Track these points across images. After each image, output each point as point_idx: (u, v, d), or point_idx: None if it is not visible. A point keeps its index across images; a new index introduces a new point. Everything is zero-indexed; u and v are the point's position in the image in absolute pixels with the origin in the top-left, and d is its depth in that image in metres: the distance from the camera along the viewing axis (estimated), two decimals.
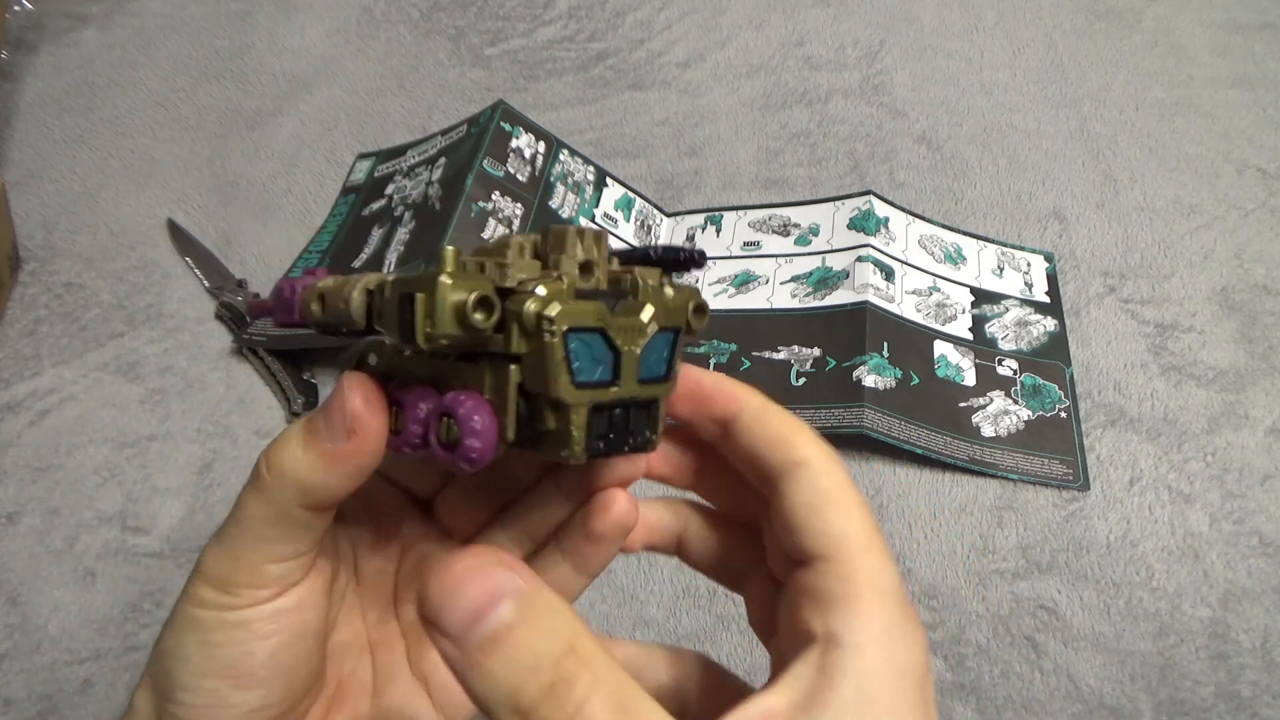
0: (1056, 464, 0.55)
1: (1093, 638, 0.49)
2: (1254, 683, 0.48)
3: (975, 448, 0.55)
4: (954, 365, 0.57)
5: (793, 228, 0.65)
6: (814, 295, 0.60)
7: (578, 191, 0.65)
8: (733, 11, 0.81)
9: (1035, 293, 0.63)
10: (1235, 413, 0.58)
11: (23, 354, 0.59)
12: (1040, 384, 0.58)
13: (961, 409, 0.56)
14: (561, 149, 0.66)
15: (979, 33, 0.80)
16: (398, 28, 0.79)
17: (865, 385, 0.54)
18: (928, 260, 0.63)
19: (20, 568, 0.51)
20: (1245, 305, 0.63)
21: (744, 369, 0.58)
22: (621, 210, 0.67)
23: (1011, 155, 0.71)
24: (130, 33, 0.77)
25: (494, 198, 0.60)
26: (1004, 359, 0.59)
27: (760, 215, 0.67)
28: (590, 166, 0.67)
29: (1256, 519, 0.54)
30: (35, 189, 0.67)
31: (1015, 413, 0.56)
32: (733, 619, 0.50)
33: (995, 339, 0.60)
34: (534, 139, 0.65)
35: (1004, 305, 0.62)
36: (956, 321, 0.60)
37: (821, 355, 0.57)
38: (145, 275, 0.63)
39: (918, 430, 0.54)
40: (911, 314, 0.59)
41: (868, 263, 0.60)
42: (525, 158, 0.64)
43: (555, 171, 0.65)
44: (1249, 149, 0.72)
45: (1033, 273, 0.64)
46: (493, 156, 0.62)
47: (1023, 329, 0.61)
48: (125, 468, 0.54)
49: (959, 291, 0.62)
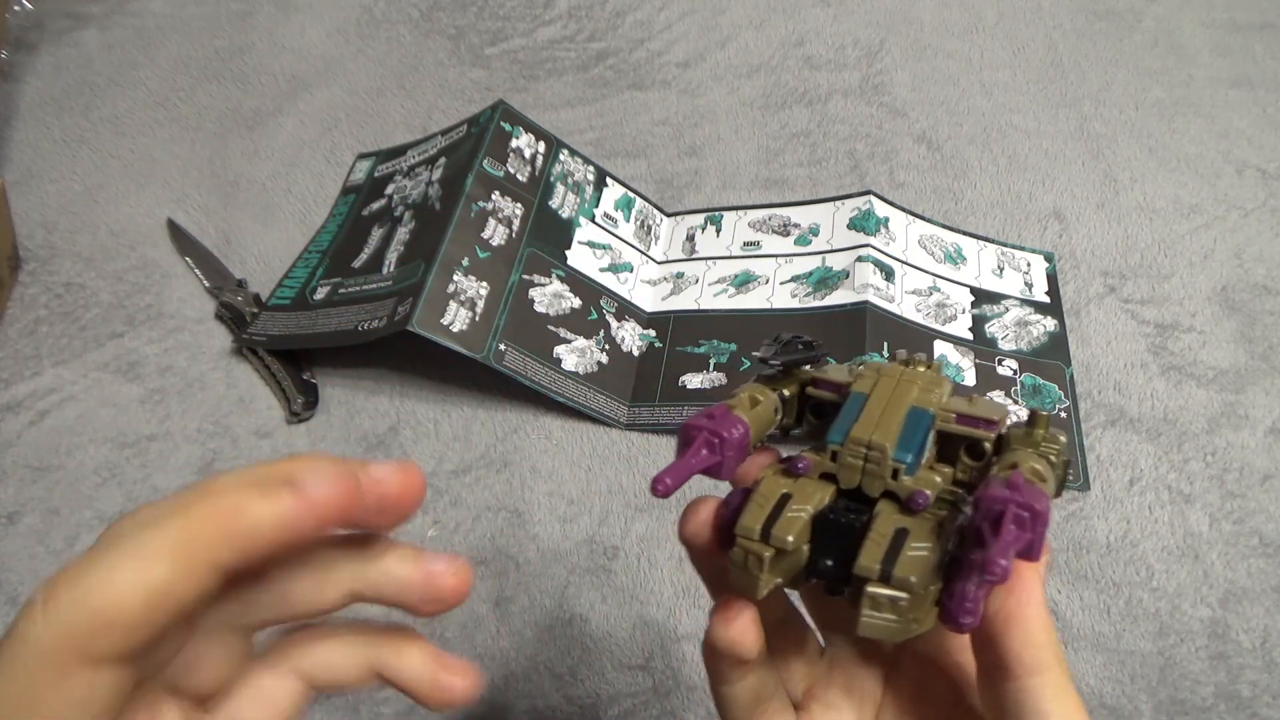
0: None
1: (1093, 638, 0.49)
2: (1254, 683, 0.48)
3: None
4: (954, 365, 0.57)
5: (793, 228, 0.65)
6: (814, 295, 0.60)
7: (578, 191, 0.65)
8: (733, 11, 0.81)
9: (1035, 293, 0.63)
10: (1235, 413, 0.58)
11: (23, 354, 0.59)
12: (1040, 384, 0.58)
13: None
14: (561, 149, 0.66)
15: (979, 33, 0.80)
16: (398, 28, 0.79)
17: None
18: (928, 260, 0.63)
19: (20, 568, 0.51)
20: (1245, 305, 0.63)
21: (743, 369, 0.58)
22: (621, 210, 0.67)
23: (1011, 155, 0.71)
24: (130, 33, 0.77)
25: (494, 197, 0.60)
26: (1004, 359, 0.59)
27: (760, 215, 0.67)
28: (590, 166, 0.67)
29: (1256, 519, 0.54)
30: (35, 189, 0.67)
31: (1015, 412, 0.56)
32: None
33: (995, 339, 0.60)
34: (534, 139, 0.65)
35: (1004, 305, 0.62)
36: (956, 321, 0.60)
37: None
38: (145, 275, 0.63)
39: None
40: (911, 314, 0.59)
41: (868, 263, 0.60)
42: (525, 158, 0.64)
43: (555, 171, 0.65)
44: (1249, 149, 0.72)
45: (1033, 273, 0.64)
46: (493, 156, 0.62)
47: (1023, 329, 0.60)
48: (125, 468, 0.54)
49: (959, 291, 0.62)
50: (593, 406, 0.57)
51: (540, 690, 0.48)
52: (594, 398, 0.57)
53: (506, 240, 0.60)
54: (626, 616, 0.50)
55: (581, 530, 0.53)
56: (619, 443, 0.56)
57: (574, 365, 0.57)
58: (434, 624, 0.49)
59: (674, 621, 0.50)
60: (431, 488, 0.54)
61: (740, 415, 0.26)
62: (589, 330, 0.59)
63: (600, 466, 0.55)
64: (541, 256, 0.60)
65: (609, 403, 0.58)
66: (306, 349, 0.59)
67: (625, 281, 0.63)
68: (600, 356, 0.59)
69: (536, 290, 0.59)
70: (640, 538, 0.53)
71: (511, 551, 0.52)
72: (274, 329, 0.60)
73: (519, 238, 0.60)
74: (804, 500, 0.24)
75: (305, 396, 0.57)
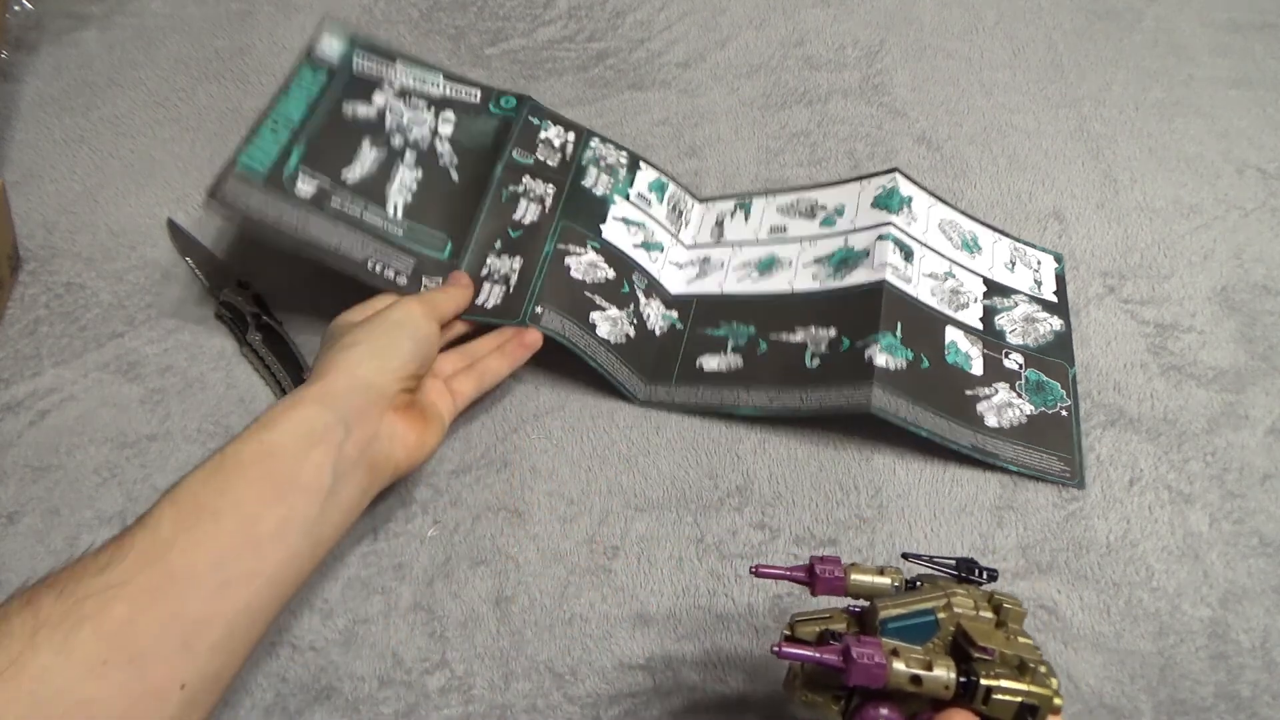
0: (1055, 460, 0.55)
1: (1093, 638, 0.49)
2: (1254, 683, 0.48)
3: (978, 436, 0.55)
4: (963, 353, 0.58)
5: (819, 209, 0.65)
6: (834, 276, 0.60)
7: (611, 173, 0.66)
8: (733, 11, 0.81)
9: (1044, 291, 0.63)
10: (1235, 413, 0.58)
11: (23, 354, 0.59)
12: (1044, 380, 0.58)
13: (967, 396, 0.56)
14: (592, 137, 0.67)
15: (979, 33, 0.80)
16: (398, 28, 0.79)
17: (877, 365, 0.54)
18: (945, 245, 0.63)
19: (20, 568, 0.51)
20: (1245, 305, 0.63)
21: (761, 352, 0.58)
22: (655, 193, 0.67)
23: (1011, 155, 0.71)
24: (130, 33, 0.77)
25: (524, 180, 0.62)
26: (1011, 352, 0.59)
27: (789, 199, 0.67)
28: (623, 152, 0.68)
29: (1256, 519, 0.54)
30: (35, 189, 0.67)
31: (1019, 406, 0.57)
32: (732, 619, 0.50)
33: (1004, 332, 0.60)
34: (563, 130, 0.66)
35: (1014, 300, 0.62)
36: (968, 310, 0.60)
37: (837, 336, 0.57)
38: (145, 275, 0.63)
39: (923, 414, 0.54)
40: (926, 297, 0.59)
41: (888, 241, 0.60)
42: (555, 146, 0.65)
43: (586, 156, 0.66)
44: (1249, 149, 0.72)
45: (1042, 271, 0.64)
46: (521, 147, 0.63)
47: (1030, 325, 0.61)
48: (125, 468, 0.54)
49: (973, 280, 0.62)
50: (619, 377, 0.58)
51: (540, 690, 0.48)
52: (620, 369, 0.58)
53: (540, 216, 0.61)
54: (626, 616, 0.50)
55: (581, 530, 0.53)
56: (619, 443, 0.56)
57: (606, 333, 0.58)
58: (434, 624, 0.49)
59: (674, 621, 0.50)
60: (431, 488, 0.54)
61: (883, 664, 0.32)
62: (622, 302, 0.60)
63: (600, 466, 0.55)
64: (575, 229, 0.61)
65: (631, 376, 0.58)
66: (283, 248, 0.56)
67: (656, 260, 0.64)
68: (629, 329, 0.59)
69: (572, 259, 0.60)
70: (640, 538, 0.53)
71: (511, 551, 0.52)
72: (251, 206, 0.55)
73: (552, 214, 0.61)
74: None
75: None
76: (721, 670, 0.49)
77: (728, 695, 0.48)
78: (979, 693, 0.32)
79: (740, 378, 0.58)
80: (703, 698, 0.48)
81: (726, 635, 0.50)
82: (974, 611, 0.34)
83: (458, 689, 0.48)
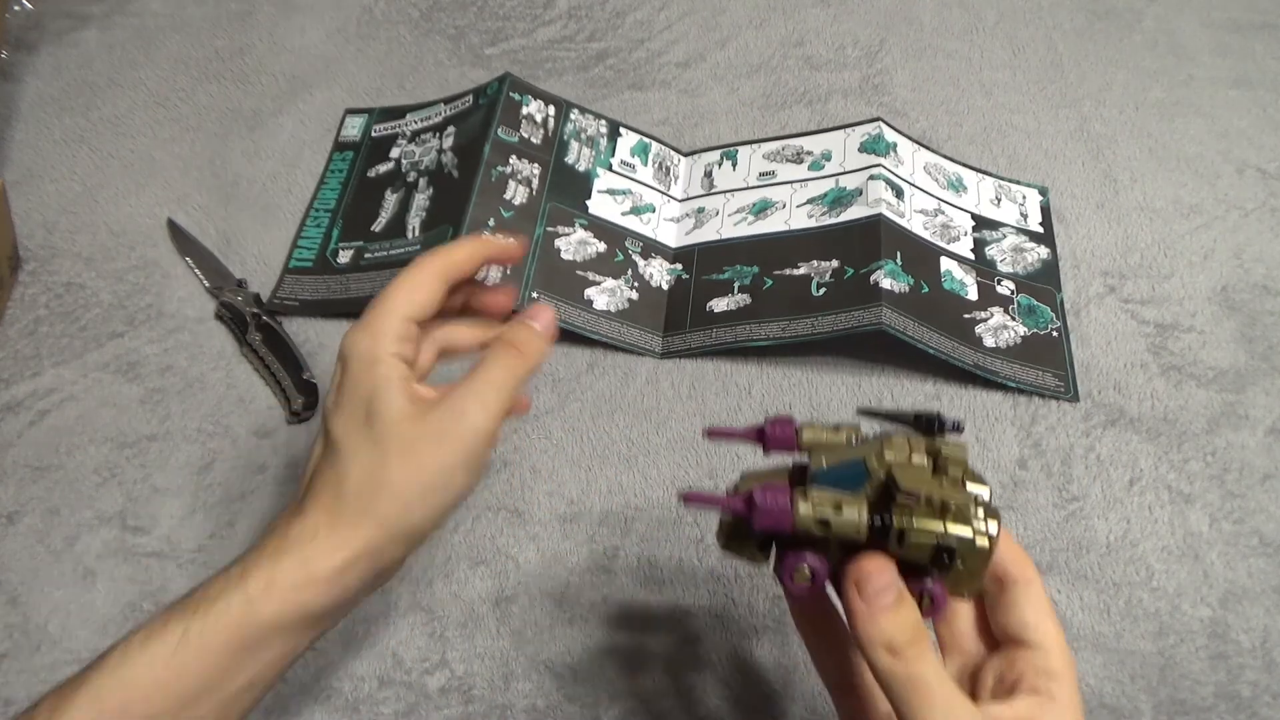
0: (1049, 376, 0.58)
1: (1093, 638, 0.49)
2: (1254, 683, 0.48)
3: (979, 355, 0.58)
4: (958, 280, 0.61)
5: (805, 155, 0.68)
6: (829, 214, 0.62)
7: (592, 145, 0.68)
8: (733, 11, 0.81)
9: (1030, 223, 0.66)
10: (1235, 413, 0.58)
11: (23, 354, 0.59)
12: (1034, 305, 0.62)
13: (966, 319, 0.59)
14: (572, 109, 0.69)
15: (979, 33, 0.80)
16: (398, 28, 0.79)
17: (883, 287, 0.57)
18: (932, 185, 0.66)
19: (20, 568, 0.51)
20: (1245, 305, 0.63)
21: (767, 287, 0.60)
22: (638, 156, 0.69)
23: (1011, 155, 0.71)
24: (130, 33, 0.77)
25: (511, 161, 0.63)
26: (1002, 279, 0.62)
27: (774, 146, 0.69)
28: (602, 120, 0.69)
29: (1256, 519, 0.54)
30: (35, 189, 0.67)
31: (1013, 328, 0.60)
32: (732, 619, 0.50)
33: (995, 261, 0.63)
34: (544, 104, 0.67)
35: (1002, 232, 0.65)
36: (960, 242, 0.63)
37: (840, 265, 0.59)
38: (145, 275, 0.63)
39: (930, 333, 0.57)
40: (920, 231, 0.62)
41: (880, 180, 0.62)
42: (537, 121, 0.66)
43: (568, 130, 0.67)
44: (1249, 149, 0.72)
45: (1028, 204, 0.68)
46: (505, 124, 0.64)
47: (1019, 254, 0.64)
48: (125, 468, 0.54)
49: (961, 216, 0.65)
50: (627, 340, 0.60)
51: (540, 690, 0.48)
52: (627, 332, 0.60)
53: (528, 199, 0.62)
54: (627, 616, 0.50)
55: (581, 530, 0.53)
56: (619, 443, 0.56)
57: (605, 305, 0.60)
58: (434, 624, 0.49)
59: (674, 622, 0.50)
60: None
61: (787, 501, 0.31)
62: (616, 271, 0.62)
63: (600, 466, 0.55)
64: (562, 209, 0.63)
65: (643, 335, 0.60)
66: (336, 313, 0.61)
67: (649, 222, 0.66)
68: (630, 294, 0.61)
69: (562, 240, 0.62)
70: (640, 538, 0.53)
71: (511, 551, 0.52)
72: (304, 293, 0.62)
73: (539, 195, 0.63)
74: None
75: (305, 396, 0.57)
76: (722, 670, 0.49)
77: (728, 695, 0.48)
78: (893, 535, 0.30)
79: (750, 313, 0.59)
80: (702, 697, 0.48)
81: (727, 635, 0.50)
82: (907, 458, 0.32)
83: (458, 689, 0.48)
